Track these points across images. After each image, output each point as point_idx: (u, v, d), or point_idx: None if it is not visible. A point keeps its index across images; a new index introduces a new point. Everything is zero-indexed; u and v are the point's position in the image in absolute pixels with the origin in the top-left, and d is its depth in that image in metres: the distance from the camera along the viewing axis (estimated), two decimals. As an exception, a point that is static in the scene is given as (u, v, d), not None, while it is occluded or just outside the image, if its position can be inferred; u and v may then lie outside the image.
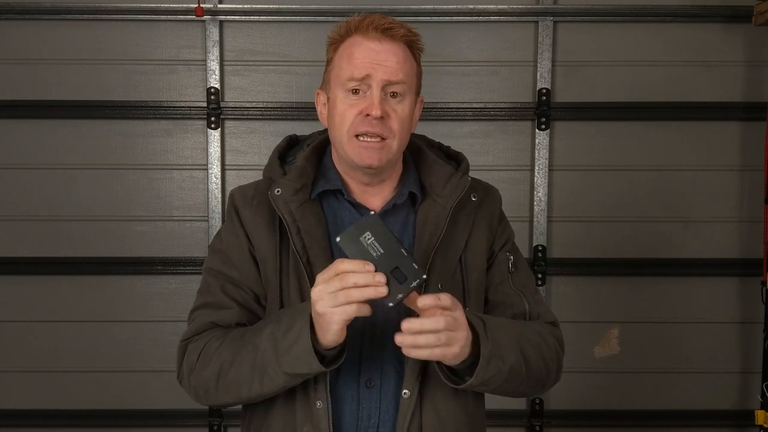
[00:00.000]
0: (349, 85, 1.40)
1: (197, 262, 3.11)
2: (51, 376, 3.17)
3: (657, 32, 3.10)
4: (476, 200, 1.52)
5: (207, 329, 1.46)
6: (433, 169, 1.52)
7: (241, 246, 1.48)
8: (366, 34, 1.40)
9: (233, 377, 1.38)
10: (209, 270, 1.52)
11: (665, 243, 3.16)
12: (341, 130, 1.42)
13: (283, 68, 3.10)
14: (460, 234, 1.49)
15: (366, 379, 1.42)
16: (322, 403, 1.38)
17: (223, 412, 3.15)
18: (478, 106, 3.09)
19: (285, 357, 1.31)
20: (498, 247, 1.55)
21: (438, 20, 3.04)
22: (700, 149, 3.14)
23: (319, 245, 1.42)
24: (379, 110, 1.38)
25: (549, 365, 1.47)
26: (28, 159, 3.10)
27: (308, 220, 1.43)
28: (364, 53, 1.39)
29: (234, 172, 3.13)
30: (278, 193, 1.44)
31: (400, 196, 1.49)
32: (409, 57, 1.43)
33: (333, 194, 1.49)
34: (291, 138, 1.60)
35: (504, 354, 1.35)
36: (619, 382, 3.21)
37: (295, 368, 1.31)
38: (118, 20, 3.06)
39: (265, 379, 1.35)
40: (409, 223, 1.49)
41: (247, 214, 1.48)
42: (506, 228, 1.59)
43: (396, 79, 1.39)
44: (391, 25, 1.40)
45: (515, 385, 1.41)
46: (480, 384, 1.34)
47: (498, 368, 1.34)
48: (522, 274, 1.57)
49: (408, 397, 1.39)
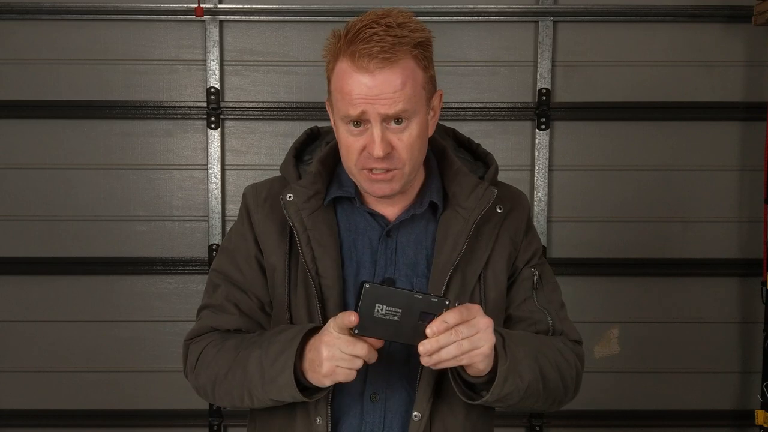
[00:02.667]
0: (347, 119, 1.30)
1: (197, 262, 3.11)
2: (51, 376, 3.17)
3: (657, 32, 3.10)
4: (502, 212, 1.44)
5: (207, 332, 1.46)
6: (458, 177, 1.43)
7: (248, 250, 1.45)
8: (355, 62, 1.26)
9: (226, 390, 1.39)
10: (215, 271, 1.50)
11: (665, 243, 3.16)
12: (348, 162, 1.35)
13: (283, 68, 3.10)
14: (482, 250, 1.41)
15: (371, 393, 1.38)
16: (322, 419, 1.36)
17: (223, 412, 3.15)
18: (478, 106, 3.09)
19: (270, 386, 1.31)
20: (522, 263, 1.48)
21: (438, 20, 3.04)
22: (700, 149, 3.14)
23: (330, 256, 1.38)
24: (380, 150, 1.28)
25: (567, 384, 1.44)
26: (28, 159, 3.10)
27: (320, 229, 1.39)
28: (357, 89, 1.27)
29: (234, 172, 3.13)
30: (290, 198, 1.39)
31: (420, 205, 1.42)
32: (411, 75, 1.29)
33: (348, 199, 1.44)
34: (312, 131, 1.52)
35: (522, 371, 1.31)
36: (619, 382, 3.21)
37: (279, 396, 1.32)
38: (118, 20, 3.06)
39: (254, 400, 1.36)
40: (428, 233, 1.43)
41: (258, 218, 1.45)
42: (532, 241, 1.50)
43: (396, 111, 1.27)
44: (381, 53, 1.25)
45: (531, 403, 1.38)
46: (496, 401, 1.30)
47: (515, 386, 1.30)
48: (547, 288, 1.50)
49: (418, 420, 1.35)
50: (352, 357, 1.22)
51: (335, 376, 1.24)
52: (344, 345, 1.22)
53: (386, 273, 1.40)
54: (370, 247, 1.42)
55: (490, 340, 1.23)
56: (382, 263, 1.41)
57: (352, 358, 1.22)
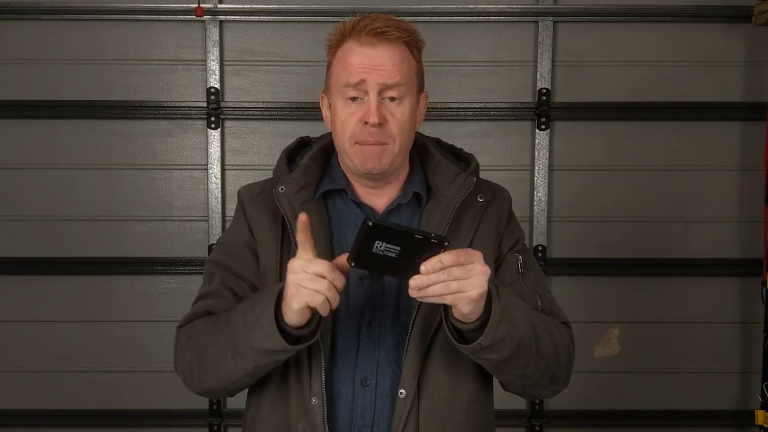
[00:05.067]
0: (346, 92, 1.40)
1: (197, 262, 3.11)
2: (51, 376, 3.17)
3: (657, 32, 3.10)
4: (482, 201, 1.50)
5: (200, 316, 1.48)
6: (439, 168, 1.51)
7: (243, 238, 1.50)
8: (359, 39, 1.39)
9: (211, 355, 1.39)
10: (211, 261, 1.55)
11: (665, 243, 3.16)
12: (343, 137, 1.43)
13: (283, 68, 3.10)
14: (463, 234, 1.46)
15: (362, 377, 1.41)
16: (318, 399, 1.37)
17: (223, 412, 3.15)
18: (478, 106, 3.09)
19: (251, 330, 1.31)
20: (506, 248, 1.52)
21: (438, 20, 3.04)
22: (700, 149, 3.14)
23: (321, 244, 1.40)
24: (376, 117, 1.37)
25: (560, 355, 1.43)
26: (28, 159, 3.10)
27: (311, 218, 1.40)
28: (358, 59, 1.38)
29: (234, 172, 3.13)
30: (282, 190, 1.46)
31: (405, 196, 1.49)
32: (407, 57, 1.41)
33: (338, 194, 1.50)
34: (303, 139, 1.61)
35: (515, 320, 1.31)
36: (619, 382, 3.21)
37: (260, 342, 1.30)
38: (118, 20, 3.06)
39: (237, 357, 1.35)
40: (413, 223, 1.47)
41: (251, 209, 1.51)
42: (515, 230, 1.56)
43: (392, 82, 1.38)
44: (385, 29, 1.38)
45: (523, 363, 1.36)
46: (489, 346, 1.29)
47: (508, 332, 1.29)
48: (533, 274, 1.54)
49: (404, 397, 1.38)
50: (314, 276, 1.22)
51: (300, 296, 1.23)
52: (305, 264, 1.23)
53: None
54: None
55: (480, 286, 1.23)
56: None
57: (314, 277, 1.22)
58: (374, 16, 1.41)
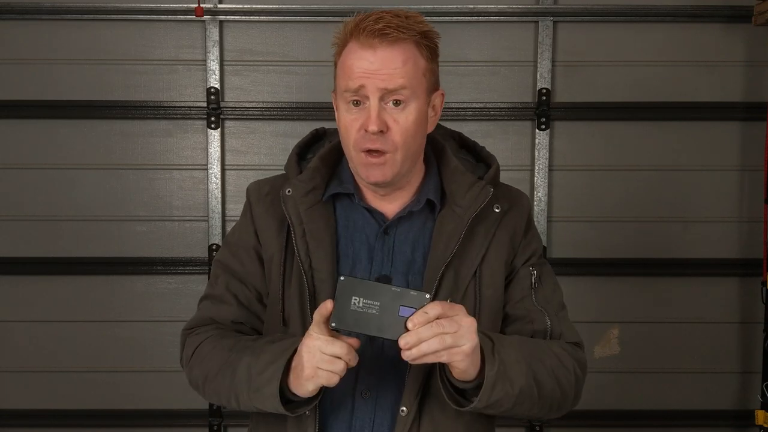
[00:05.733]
0: (347, 96, 1.34)
1: (197, 262, 3.11)
2: (51, 376, 3.17)
3: (657, 32, 3.10)
4: (499, 212, 1.44)
5: (206, 324, 1.48)
6: (455, 176, 1.44)
7: (248, 242, 1.48)
8: (360, 40, 1.32)
9: (216, 389, 1.41)
10: (218, 262, 1.53)
11: (665, 243, 3.16)
12: (347, 143, 1.37)
13: (283, 68, 3.10)
14: (477, 248, 1.41)
15: (363, 389, 1.37)
16: (310, 411, 1.35)
17: (223, 412, 3.15)
18: (478, 106, 3.09)
19: (255, 394, 1.32)
20: (520, 262, 1.46)
21: (438, 20, 3.03)
22: (700, 149, 3.14)
23: (325, 251, 1.39)
24: (375, 125, 1.31)
25: (565, 390, 1.40)
26: (28, 159, 3.10)
27: (316, 223, 1.40)
28: (357, 62, 1.31)
29: (234, 172, 3.13)
30: (289, 193, 1.42)
31: (417, 203, 1.43)
32: (412, 57, 1.33)
33: (347, 196, 1.45)
34: (317, 131, 1.54)
35: (513, 377, 1.28)
36: (619, 382, 3.21)
37: (262, 406, 1.33)
38: (118, 20, 3.06)
39: (240, 403, 1.37)
40: (426, 231, 1.43)
41: (258, 211, 1.48)
42: (532, 241, 1.49)
43: (394, 87, 1.31)
44: (386, 29, 1.30)
45: (525, 409, 1.35)
46: (485, 407, 1.28)
47: (505, 392, 1.27)
48: (547, 289, 1.48)
49: (405, 414, 1.34)
50: (332, 358, 1.22)
51: (317, 379, 1.24)
52: (323, 345, 1.22)
53: (383, 270, 1.40)
54: (366, 244, 1.42)
55: (471, 339, 1.21)
56: (379, 260, 1.41)
57: (332, 359, 1.22)
58: (378, 13, 1.33)
